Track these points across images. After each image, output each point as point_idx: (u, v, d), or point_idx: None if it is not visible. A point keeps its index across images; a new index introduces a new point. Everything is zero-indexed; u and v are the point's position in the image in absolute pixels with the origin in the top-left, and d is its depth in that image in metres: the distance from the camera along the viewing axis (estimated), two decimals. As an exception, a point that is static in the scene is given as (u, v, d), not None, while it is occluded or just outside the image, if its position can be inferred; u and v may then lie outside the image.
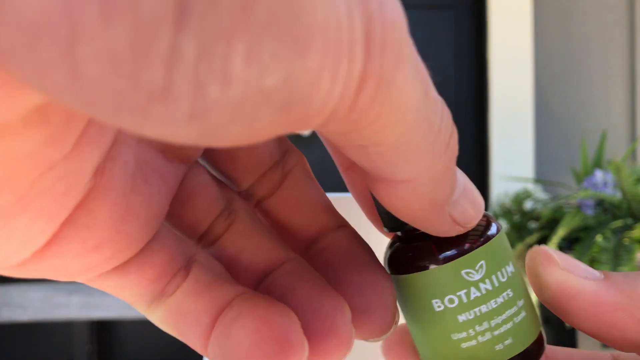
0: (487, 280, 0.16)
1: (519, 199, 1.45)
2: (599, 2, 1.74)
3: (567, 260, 0.17)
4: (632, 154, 1.71)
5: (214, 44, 0.07)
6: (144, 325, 1.81)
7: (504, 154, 1.69)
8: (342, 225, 0.18)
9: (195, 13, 0.07)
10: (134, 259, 0.14)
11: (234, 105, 0.08)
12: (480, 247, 0.16)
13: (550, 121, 1.72)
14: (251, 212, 0.17)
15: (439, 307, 0.17)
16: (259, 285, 0.16)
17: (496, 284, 0.17)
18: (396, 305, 0.17)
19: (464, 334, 0.17)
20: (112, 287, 0.14)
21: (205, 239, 0.16)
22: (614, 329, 0.17)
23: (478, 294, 0.16)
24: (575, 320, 0.17)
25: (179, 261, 0.15)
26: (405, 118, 0.11)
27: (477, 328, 0.16)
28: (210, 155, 0.17)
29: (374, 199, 0.16)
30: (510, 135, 1.70)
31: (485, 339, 0.17)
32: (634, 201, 1.24)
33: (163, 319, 0.15)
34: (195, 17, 0.07)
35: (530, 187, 1.55)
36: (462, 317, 0.16)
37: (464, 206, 0.15)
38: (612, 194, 1.26)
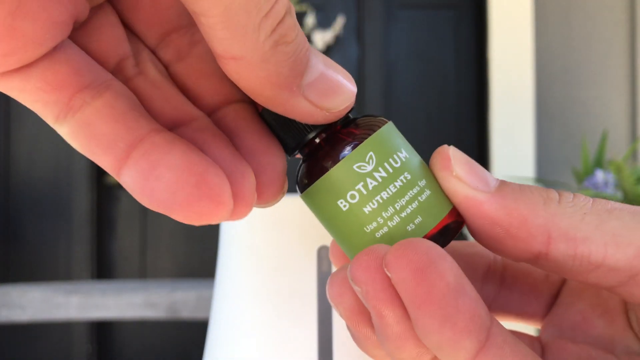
0: (380, 169, 0.17)
1: (520, 199, 1.45)
2: (599, 2, 1.74)
3: (462, 167, 0.18)
4: (633, 154, 1.71)
5: None
6: (144, 326, 1.81)
7: (504, 154, 1.69)
8: (245, 100, 0.18)
9: None
10: (36, 64, 0.15)
11: None
12: (365, 140, 0.17)
13: (550, 121, 1.72)
14: (160, 68, 0.18)
15: (344, 206, 0.17)
16: None
17: (390, 170, 0.17)
18: (285, 176, 0.18)
19: (374, 224, 0.17)
20: (17, 90, 0.15)
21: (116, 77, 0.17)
22: (493, 241, 0.17)
23: (375, 183, 0.17)
24: (467, 226, 0.18)
25: (86, 77, 0.16)
26: None
27: (384, 214, 0.17)
28: (118, 3, 0.18)
29: (269, 121, 0.18)
30: (510, 135, 1.70)
31: (395, 223, 0.17)
32: (635, 201, 1.24)
33: (72, 133, 0.15)
34: None
35: (531, 187, 1.54)
36: (367, 209, 0.17)
37: (321, 90, 0.16)
38: (613, 194, 1.26)
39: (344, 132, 0.18)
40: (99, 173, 1.82)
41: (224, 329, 0.33)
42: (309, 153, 0.18)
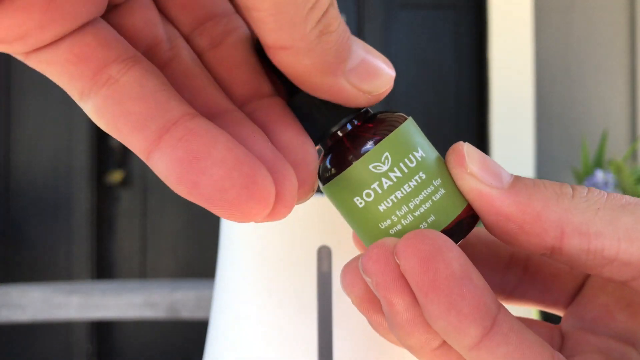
0: (395, 169, 0.18)
1: (520, 199, 1.45)
2: (599, 2, 1.74)
3: (476, 164, 0.18)
4: (633, 154, 1.71)
5: None
6: (144, 326, 1.81)
7: (504, 154, 1.69)
8: (275, 94, 0.19)
9: None
10: (67, 37, 0.15)
11: None
12: (381, 141, 0.18)
13: (550, 121, 1.72)
14: (194, 57, 0.18)
15: (360, 203, 0.18)
16: None
17: (405, 170, 0.18)
18: (317, 172, 0.18)
19: (388, 222, 0.18)
20: (46, 63, 0.15)
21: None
22: (507, 236, 0.18)
23: (390, 182, 0.18)
24: (482, 221, 0.18)
25: (113, 51, 0.16)
26: None
27: (398, 213, 0.18)
28: None
29: (296, 112, 0.18)
30: (510, 135, 1.70)
31: (408, 221, 0.18)
32: (635, 201, 1.24)
33: (97, 111, 0.15)
34: None
35: (531, 187, 1.54)
36: (381, 207, 0.18)
37: (362, 75, 0.17)
38: (613, 193, 1.26)
39: (365, 127, 0.19)
40: (99, 173, 1.82)
41: (224, 329, 0.33)
42: (331, 146, 0.19)
